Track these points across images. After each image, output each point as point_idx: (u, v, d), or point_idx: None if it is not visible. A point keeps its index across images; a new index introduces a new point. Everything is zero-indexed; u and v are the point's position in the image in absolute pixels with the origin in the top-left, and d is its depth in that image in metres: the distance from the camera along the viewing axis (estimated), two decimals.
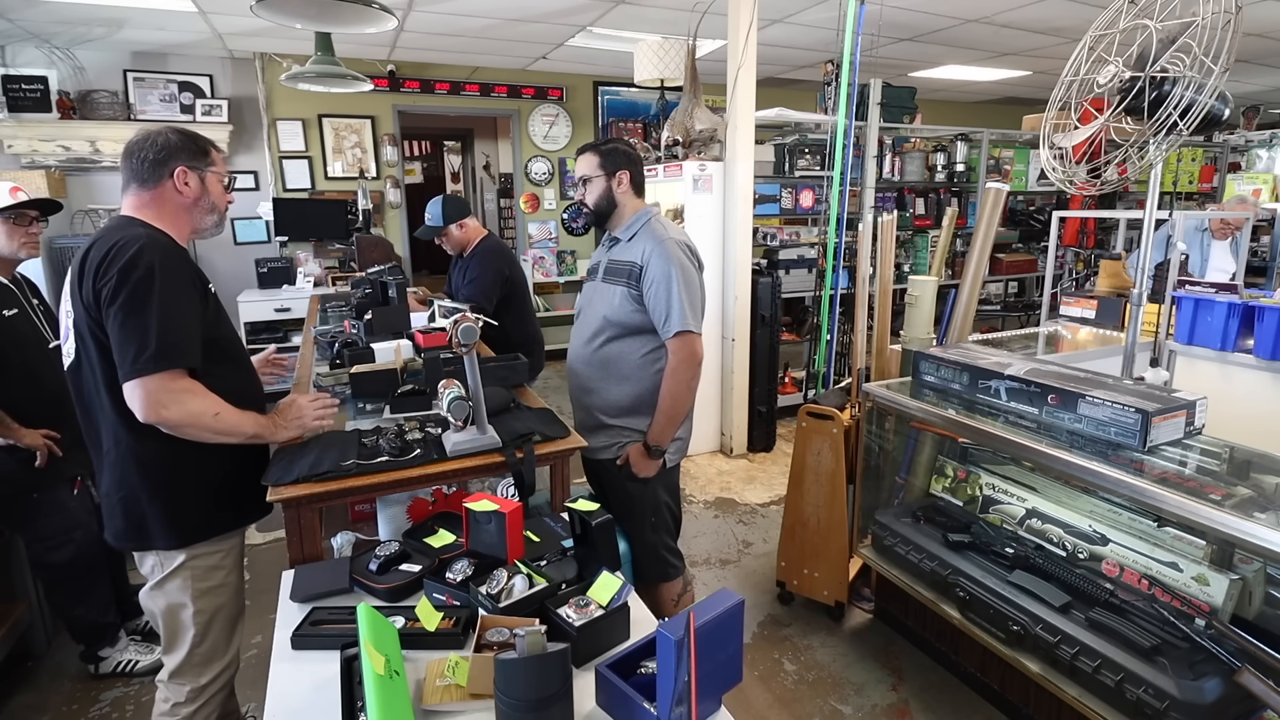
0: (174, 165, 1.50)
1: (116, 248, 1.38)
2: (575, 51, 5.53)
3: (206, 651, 1.60)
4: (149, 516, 1.50)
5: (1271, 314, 2.55)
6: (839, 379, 4.27)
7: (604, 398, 2.00)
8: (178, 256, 1.46)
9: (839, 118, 3.71)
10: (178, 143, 1.51)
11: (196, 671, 1.60)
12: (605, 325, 1.98)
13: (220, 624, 1.62)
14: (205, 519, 1.56)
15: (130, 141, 1.51)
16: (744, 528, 3.43)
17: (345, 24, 2.84)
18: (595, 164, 1.98)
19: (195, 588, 1.56)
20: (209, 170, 1.55)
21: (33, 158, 4.79)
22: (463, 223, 3.03)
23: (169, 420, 1.38)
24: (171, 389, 1.37)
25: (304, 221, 5.61)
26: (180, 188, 1.51)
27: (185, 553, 1.54)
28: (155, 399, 1.35)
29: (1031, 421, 1.99)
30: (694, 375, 1.94)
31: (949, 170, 5.70)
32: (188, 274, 1.46)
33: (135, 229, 1.44)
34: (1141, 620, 1.75)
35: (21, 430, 2.09)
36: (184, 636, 1.58)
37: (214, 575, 1.59)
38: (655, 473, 2.00)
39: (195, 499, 1.53)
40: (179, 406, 1.38)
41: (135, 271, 1.36)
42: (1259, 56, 5.76)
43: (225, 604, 1.63)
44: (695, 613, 0.97)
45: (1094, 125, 1.93)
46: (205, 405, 1.42)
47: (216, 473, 1.55)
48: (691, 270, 1.93)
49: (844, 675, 2.37)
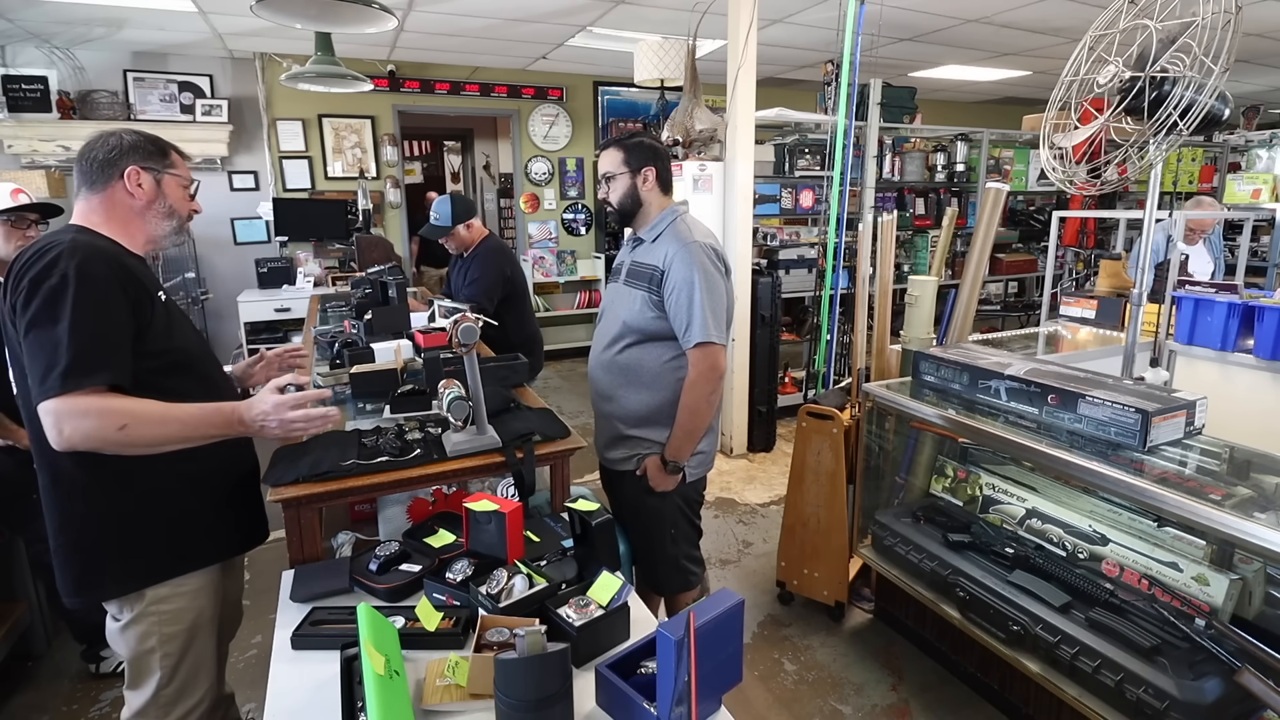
0: (125, 165, 1.37)
1: (33, 256, 1.25)
2: (575, 51, 5.53)
3: (174, 693, 1.45)
4: (100, 558, 1.35)
5: (1271, 314, 2.55)
6: (839, 379, 4.28)
7: (623, 406, 1.91)
8: (107, 262, 1.29)
9: (839, 118, 3.71)
10: (131, 142, 1.39)
11: (162, 712, 1.45)
12: (625, 330, 1.88)
13: (191, 664, 1.46)
14: (167, 555, 1.40)
15: (84, 143, 1.39)
16: (744, 528, 3.43)
17: (345, 24, 2.84)
18: (619, 160, 1.87)
19: (162, 632, 1.41)
20: (167, 172, 1.42)
21: (33, 158, 4.79)
22: (469, 223, 3.03)
23: (70, 443, 1.20)
24: (73, 411, 1.18)
25: (304, 221, 5.62)
26: (131, 189, 1.38)
27: (148, 593, 1.39)
28: (57, 424, 1.19)
29: (1031, 421, 1.99)
30: (714, 389, 1.82)
31: (949, 170, 5.70)
32: (117, 281, 1.28)
33: (62, 235, 1.30)
34: (1141, 620, 1.75)
35: (21, 431, 2.09)
36: (149, 679, 1.44)
37: (183, 618, 1.43)
38: (673, 487, 1.91)
39: (152, 534, 1.38)
40: (73, 427, 1.19)
41: (48, 280, 1.21)
42: (1259, 56, 5.76)
43: (197, 646, 1.47)
44: (695, 613, 0.97)
45: (1094, 125, 1.93)
46: (106, 421, 1.20)
47: (178, 504, 1.40)
48: (716, 277, 1.81)
49: (844, 675, 2.37)
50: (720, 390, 1.86)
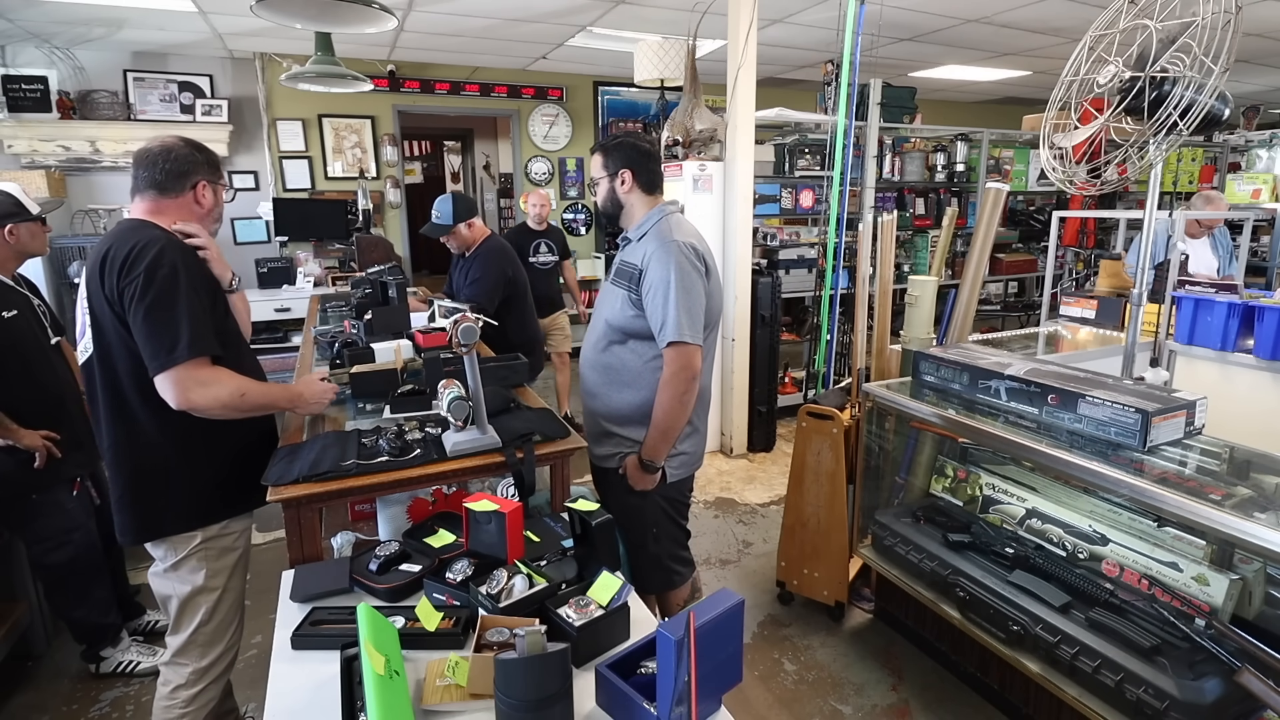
0: (196, 178, 1.63)
1: (139, 248, 1.47)
2: (575, 51, 5.53)
3: (211, 632, 1.67)
4: (164, 501, 1.59)
5: (1271, 314, 2.55)
6: (839, 379, 4.28)
7: (607, 404, 1.93)
8: (194, 257, 1.59)
9: (839, 118, 3.71)
10: (200, 158, 1.64)
11: (200, 652, 1.67)
12: (608, 329, 1.90)
13: (227, 604, 1.70)
14: (220, 499, 1.65)
15: (149, 149, 1.61)
16: (744, 528, 3.43)
17: (345, 24, 2.84)
18: (599, 164, 1.90)
19: (210, 567, 1.65)
20: (219, 185, 1.70)
21: (33, 158, 4.79)
22: (471, 222, 3.03)
23: (198, 405, 1.49)
24: (199, 377, 1.48)
25: (304, 221, 5.61)
26: (200, 199, 1.65)
27: (200, 533, 1.63)
28: (185, 387, 1.46)
29: (1031, 421, 1.99)
30: (687, 389, 1.80)
31: (949, 170, 5.70)
32: (204, 273, 1.60)
33: (154, 231, 1.54)
34: (1141, 620, 1.75)
35: (21, 431, 2.09)
36: (193, 616, 1.65)
37: (227, 556, 1.68)
38: (652, 487, 1.91)
39: (210, 481, 1.63)
40: (207, 392, 1.49)
41: (161, 270, 1.46)
42: (1259, 56, 5.76)
43: (234, 585, 1.71)
44: (695, 613, 0.97)
45: (1094, 125, 1.93)
46: (233, 387, 1.53)
47: (228, 454, 1.65)
48: (694, 276, 1.78)
49: (844, 675, 2.37)
50: (694, 390, 1.82)
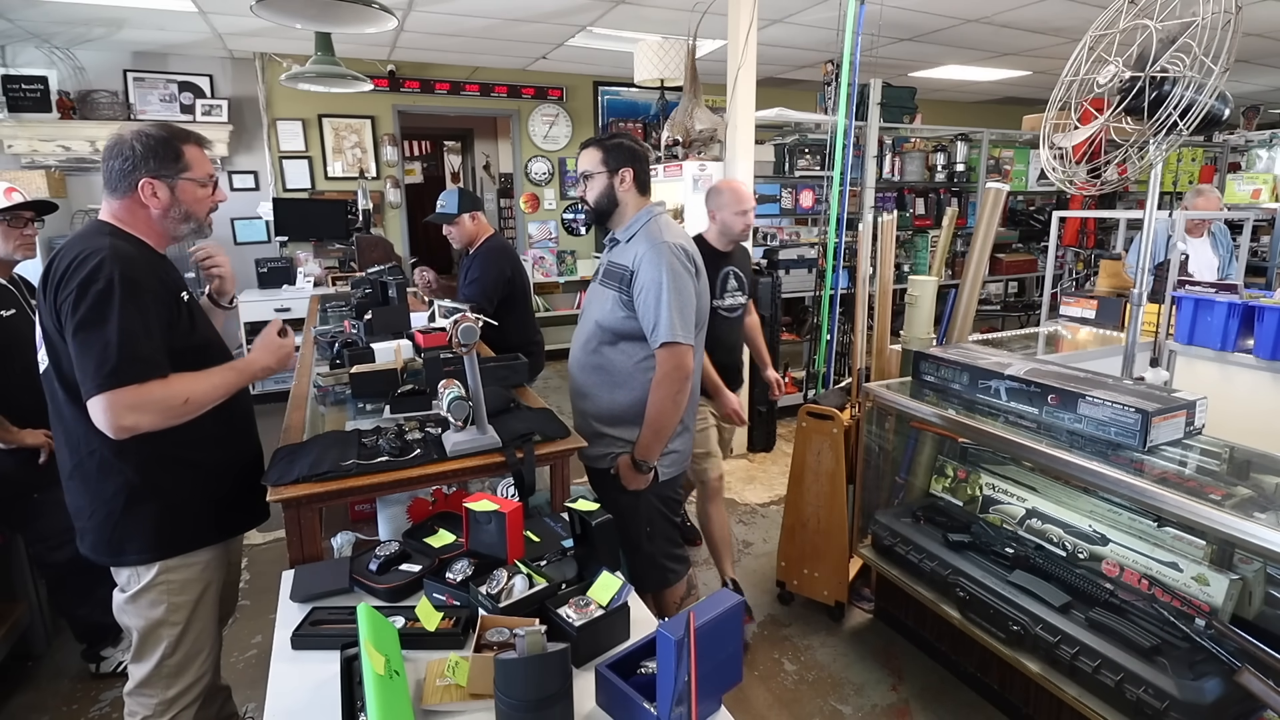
0: (138, 177, 1.43)
1: (78, 260, 1.34)
2: (575, 51, 5.53)
3: (176, 664, 1.55)
4: (123, 529, 1.46)
5: (1271, 314, 2.55)
6: (839, 379, 4.27)
7: (597, 404, 1.94)
8: (144, 267, 1.41)
9: (839, 118, 3.71)
10: (143, 151, 1.43)
11: (165, 683, 1.55)
12: (598, 330, 1.92)
13: (193, 636, 1.56)
14: (182, 531, 1.52)
15: (107, 144, 1.46)
16: (744, 528, 3.43)
17: (345, 24, 2.84)
18: (598, 159, 1.90)
19: (171, 601, 1.52)
20: (180, 178, 1.47)
21: (33, 158, 4.80)
22: (475, 215, 3.04)
23: (138, 427, 1.34)
24: (127, 402, 1.31)
25: (304, 221, 5.62)
26: (147, 200, 1.45)
27: (159, 565, 1.49)
28: (116, 414, 1.31)
29: (1031, 421, 1.99)
30: (680, 389, 1.83)
31: (949, 170, 5.70)
32: (153, 285, 1.40)
33: (100, 239, 1.39)
34: (1141, 620, 1.75)
35: (20, 433, 2.09)
36: (155, 648, 1.53)
37: (190, 589, 1.54)
38: (645, 486, 1.92)
39: (172, 511, 1.49)
40: (142, 417, 1.33)
41: (95, 284, 1.32)
42: (1259, 56, 5.76)
43: (201, 616, 1.57)
44: (695, 613, 0.97)
45: (1094, 125, 1.93)
46: (170, 402, 1.36)
47: (199, 482, 1.52)
48: (685, 277, 1.81)
49: (844, 675, 2.37)
50: (687, 390, 1.86)
